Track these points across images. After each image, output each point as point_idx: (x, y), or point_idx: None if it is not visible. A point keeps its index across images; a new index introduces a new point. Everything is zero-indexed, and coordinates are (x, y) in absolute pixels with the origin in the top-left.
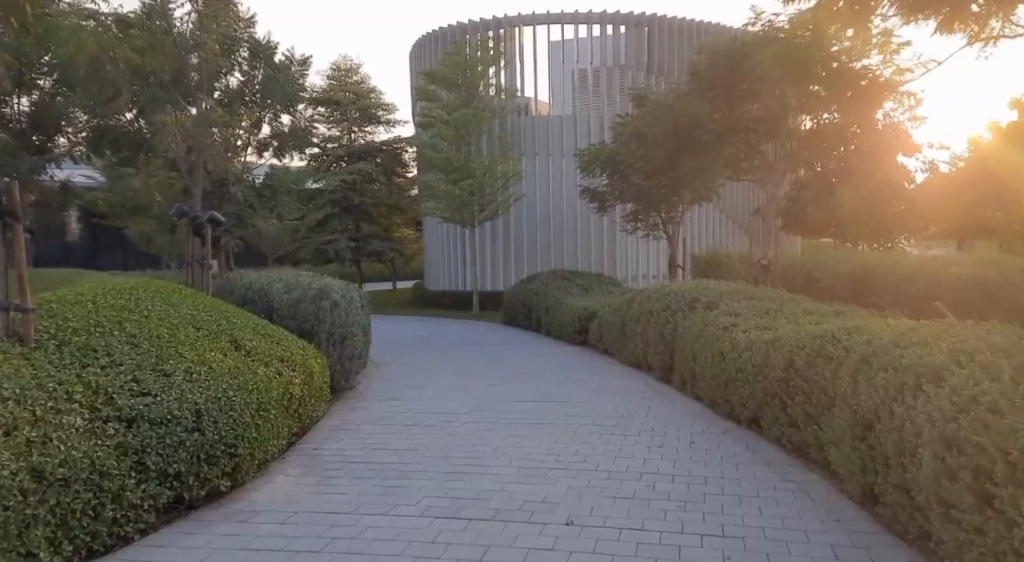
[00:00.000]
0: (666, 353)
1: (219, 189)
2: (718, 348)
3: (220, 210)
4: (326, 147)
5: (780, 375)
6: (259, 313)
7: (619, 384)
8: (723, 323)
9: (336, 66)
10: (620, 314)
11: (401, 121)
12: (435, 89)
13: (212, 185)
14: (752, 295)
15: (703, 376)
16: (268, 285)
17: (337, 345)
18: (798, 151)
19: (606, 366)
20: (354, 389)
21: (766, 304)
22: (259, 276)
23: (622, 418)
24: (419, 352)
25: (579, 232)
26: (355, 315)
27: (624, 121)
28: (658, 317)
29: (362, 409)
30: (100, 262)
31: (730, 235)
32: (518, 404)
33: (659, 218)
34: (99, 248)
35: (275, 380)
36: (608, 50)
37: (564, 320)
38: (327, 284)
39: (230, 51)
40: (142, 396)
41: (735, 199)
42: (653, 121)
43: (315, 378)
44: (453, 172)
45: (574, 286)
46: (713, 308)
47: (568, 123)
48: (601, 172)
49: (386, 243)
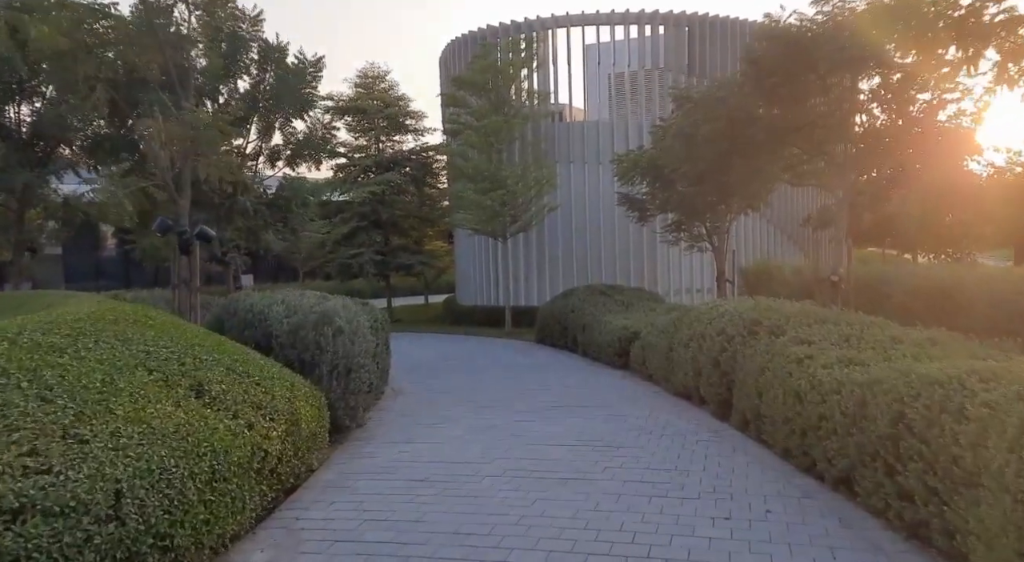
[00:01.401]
0: (722, 385)
1: (227, 201)
2: (791, 386)
3: (228, 224)
4: (353, 157)
5: (885, 431)
6: (256, 340)
7: (668, 421)
8: (795, 354)
9: (363, 73)
10: (666, 337)
11: (431, 129)
12: (463, 95)
13: (220, 197)
14: (823, 317)
15: (771, 418)
16: (268, 308)
17: (341, 378)
18: (869, 150)
19: (651, 397)
20: (364, 426)
21: (844, 329)
22: (261, 297)
23: (676, 471)
24: (443, 378)
25: (617, 244)
26: (363, 342)
27: (666, 124)
28: (712, 343)
29: (367, 456)
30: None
31: (778, 246)
32: (550, 448)
33: (704, 228)
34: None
35: (242, 437)
36: (646, 52)
37: (602, 340)
38: (331, 307)
39: (235, 52)
40: (39, 474)
41: (782, 207)
42: (701, 118)
43: (304, 425)
44: (483, 181)
45: (613, 302)
46: (780, 334)
47: (605, 128)
48: (641, 179)
49: (416, 256)
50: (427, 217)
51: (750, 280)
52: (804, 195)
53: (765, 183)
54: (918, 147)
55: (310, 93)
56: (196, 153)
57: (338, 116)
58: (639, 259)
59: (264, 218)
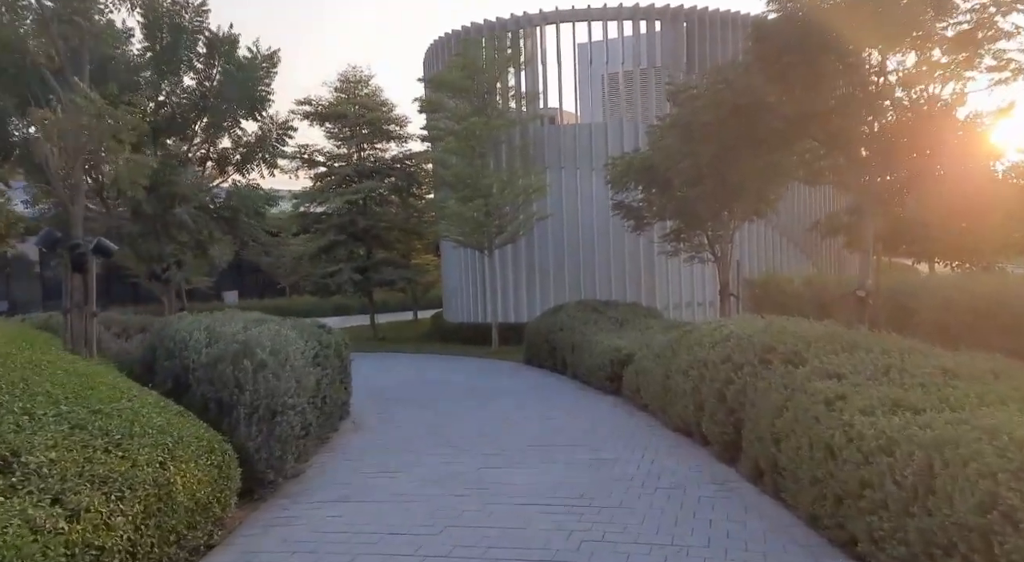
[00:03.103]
0: (728, 424)
1: (162, 212)
2: (819, 436)
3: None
4: (333, 166)
5: (968, 520)
6: (176, 374)
7: (664, 468)
8: (822, 392)
9: (344, 77)
10: (663, 362)
11: (415, 136)
12: (440, 96)
13: (154, 207)
14: (852, 342)
15: (793, 472)
16: (189, 335)
17: (263, 423)
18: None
19: (645, 433)
20: (300, 476)
21: (880, 358)
22: (191, 321)
23: (673, 547)
24: (413, 407)
25: (612, 255)
26: (293, 378)
27: (662, 122)
28: (716, 372)
29: (284, 523)
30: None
31: (785, 255)
32: (517, 510)
33: (705, 236)
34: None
35: (53, 535)
36: (642, 50)
37: (593, 363)
38: (254, 336)
39: (177, 44)
40: None
41: (789, 213)
42: (702, 106)
43: (184, 498)
44: (464, 189)
45: (606, 319)
46: (799, 363)
47: (598, 131)
48: (635, 184)
49: (399, 271)
50: (413, 229)
51: (756, 293)
52: (813, 199)
53: (776, 182)
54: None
55: (263, 90)
56: (90, 151)
57: (318, 122)
58: (635, 271)
59: (209, 230)
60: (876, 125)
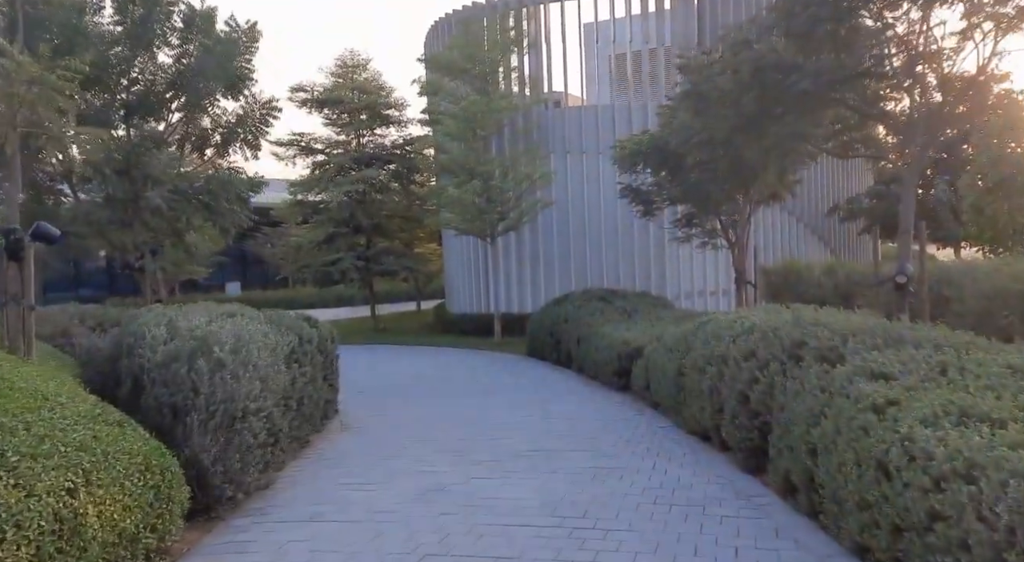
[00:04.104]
0: (753, 428)
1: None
2: (869, 451)
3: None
4: (332, 153)
5: None
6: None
7: (679, 479)
8: (869, 396)
9: (342, 61)
10: (675, 356)
11: (415, 120)
12: (439, 77)
13: (125, 190)
14: (896, 335)
15: (834, 492)
16: (147, 331)
17: (221, 431)
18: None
19: (656, 437)
20: (269, 488)
21: (931, 355)
22: (155, 314)
23: None
24: (406, 406)
25: (620, 242)
26: (255, 380)
27: (674, 99)
28: (738, 369)
29: (236, 551)
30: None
31: (802, 241)
32: (506, 531)
33: (719, 221)
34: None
35: None
36: (651, 29)
37: (599, 357)
38: (213, 332)
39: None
40: None
41: (806, 196)
42: (719, 72)
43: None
44: (463, 174)
45: (613, 310)
46: (836, 360)
47: (605, 114)
48: (645, 166)
49: (400, 260)
50: (415, 217)
51: (773, 281)
52: (830, 183)
53: (799, 156)
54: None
55: (243, 67)
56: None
57: (316, 109)
58: (644, 259)
59: (186, 216)
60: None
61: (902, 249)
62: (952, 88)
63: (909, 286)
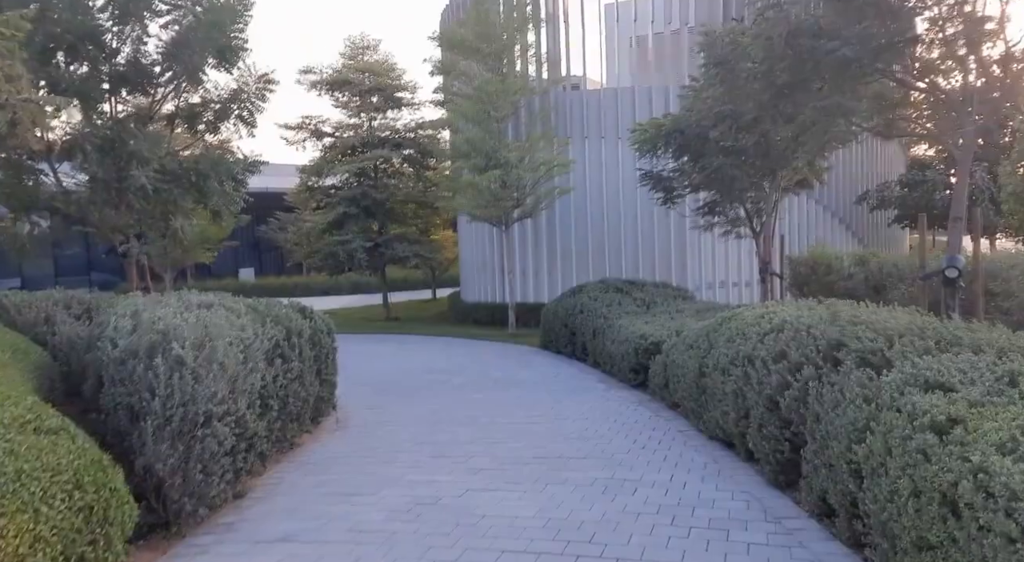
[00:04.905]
0: (783, 440)
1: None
2: (930, 479)
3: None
4: (342, 136)
5: None
6: (97, 370)
7: (700, 495)
8: (927, 412)
9: (352, 43)
10: (696, 354)
11: (427, 102)
12: (451, 56)
13: (108, 170)
14: (951, 336)
15: (884, 523)
16: (111, 322)
17: (180, 438)
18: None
19: (677, 442)
20: (243, 499)
21: (995, 362)
22: (125, 304)
23: None
24: (408, 402)
25: (639, 231)
26: (221, 380)
27: (696, 81)
28: (765, 372)
29: None
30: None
31: (830, 231)
32: (500, 559)
33: (743, 209)
34: None
35: None
36: (674, 9)
37: (616, 351)
38: (176, 325)
39: None
40: None
41: (834, 183)
42: (749, 43)
43: None
44: (479, 158)
45: (631, 301)
46: (882, 365)
47: (625, 97)
48: (666, 150)
49: (412, 247)
50: (429, 202)
51: (801, 273)
52: (860, 168)
53: (838, 136)
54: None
55: (236, 38)
56: None
57: (326, 91)
58: (664, 249)
59: (172, 198)
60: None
61: (952, 239)
62: (1012, 59)
63: (960, 281)
